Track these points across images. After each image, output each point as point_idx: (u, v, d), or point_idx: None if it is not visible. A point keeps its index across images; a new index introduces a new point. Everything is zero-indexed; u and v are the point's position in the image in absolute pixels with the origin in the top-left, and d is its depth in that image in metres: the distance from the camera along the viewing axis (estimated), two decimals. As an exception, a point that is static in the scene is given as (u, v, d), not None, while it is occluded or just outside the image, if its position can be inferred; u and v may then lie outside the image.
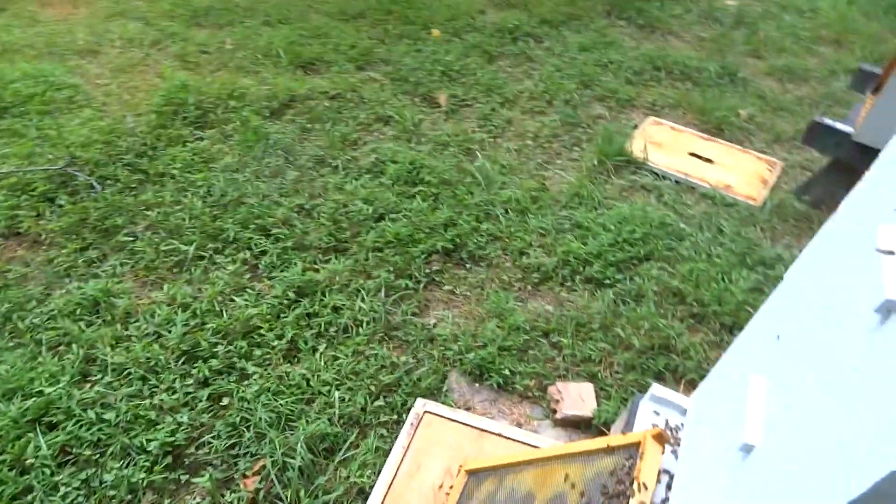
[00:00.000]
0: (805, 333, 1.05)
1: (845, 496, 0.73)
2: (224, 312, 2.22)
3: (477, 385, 2.13)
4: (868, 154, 2.66)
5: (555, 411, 2.06)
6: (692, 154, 3.24)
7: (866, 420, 0.77)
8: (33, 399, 1.87)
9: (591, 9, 4.66)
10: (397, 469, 1.83)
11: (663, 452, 1.43)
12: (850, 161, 2.77)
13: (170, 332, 2.13)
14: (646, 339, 2.23)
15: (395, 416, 1.98)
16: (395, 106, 3.41)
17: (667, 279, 2.48)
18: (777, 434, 1.00)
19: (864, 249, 0.93)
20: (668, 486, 1.43)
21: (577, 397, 2.07)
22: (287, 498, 1.73)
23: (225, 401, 1.96)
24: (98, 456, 1.78)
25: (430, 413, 2.00)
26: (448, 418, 1.99)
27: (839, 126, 2.74)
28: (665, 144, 3.30)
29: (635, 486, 1.34)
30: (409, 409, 1.98)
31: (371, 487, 1.76)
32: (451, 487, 1.76)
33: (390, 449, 1.87)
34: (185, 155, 2.94)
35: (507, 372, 2.12)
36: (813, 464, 0.86)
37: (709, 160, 3.21)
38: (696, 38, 4.49)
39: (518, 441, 1.94)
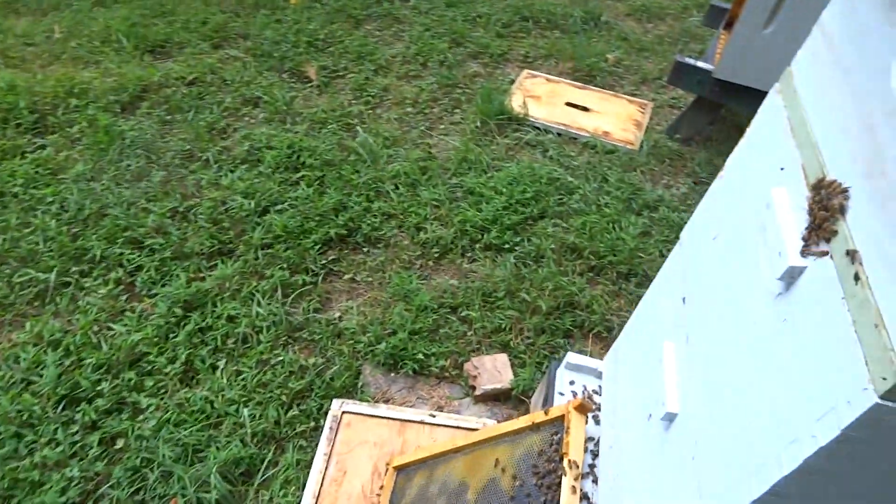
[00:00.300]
0: (709, 298, 1.07)
1: (776, 472, 0.75)
2: (103, 343, 2.00)
3: (392, 375, 2.07)
4: (728, 89, 2.82)
5: (473, 388, 2.05)
6: (569, 104, 3.29)
7: (781, 388, 0.79)
8: None
9: (452, -39, 4.54)
10: (322, 479, 1.76)
11: (587, 422, 1.45)
12: (713, 97, 2.92)
13: (41, 376, 1.89)
14: (551, 300, 2.26)
15: (313, 423, 1.89)
16: (262, 85, 3.17)
17: (562, 235, 2.52)
18: (696, 401, 1.02)
19: (756, 211, 0.95)
20: (594, 454, 1.46)
21: (494, 370, 2.07)
22: (208, 535, 1.61)
23: (120, 443, 1.78)
24: (-23, 535, 1.57)
25: (349, 413, 1.92)
26: (368, 415, 1.93)
27: (700, 64, 2.86)
28: (542, 97, 3.32)
29: (565, 462, 1.36)
30: (327, 413, 1.90)
31: (298, 504, 1.68)
32: (382, 487, 1.71)
33: (312, 459, 1.79)
34: (25, 168, 2.58)
35: (420, 356, 2.08)
36: (735, 432, 0.88)
37: (585, 108, 3.27)
38: (558, -15, 4.51)
39: (442, 425, 1.92)
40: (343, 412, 1.92)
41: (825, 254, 0.69)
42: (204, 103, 3.03)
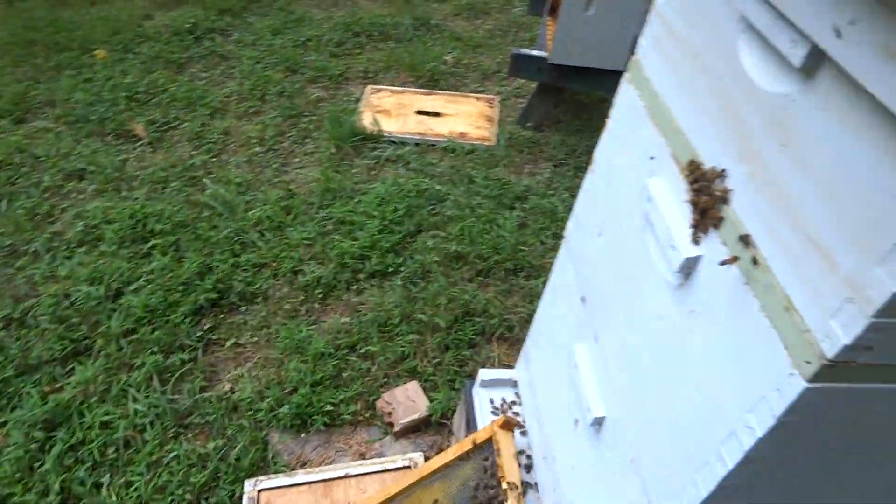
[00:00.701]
0: (608, 295, 1.05)
1: (720, 468, 0.73)
2: (-51, 497, 1.67)
3: (303, 435, 1.92)
4: (566, 72, 2.92)
5: (391, 424, 1.95)
6: (419, 112, 3.26)
7: (704, 381, 0.78)
8: None
9: (268, -13, 4.37)
10: (253, 574, 1.58)
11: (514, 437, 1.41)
12: (554, 81, 3.02)
13: None
14: (447, 314, 2.21)
15: (228, 516, 1.70)
16: (84, 155, 2.84)
17: (443, 245, 2.48)
18: (621, 403, 1.00)
19: (636, 203, 0.94)
20: (528, 467, 1.42)
21: (407, 400, 1.99)
22: None
23: None
24: None
25: (266, 490, 1.75)
26: (286, 486, 1.77)
27: (535, 53, 2.95)
28: (391, 110, 3.27)
29: (504, 486, 1.30)
30: (241, 498, 1.72)
31: None
32: (320, 564, 1.57)
33: (236, 556, 1.61)
34: None
35: (328, 407, 1.95)
36: (668, 430, 0.86)
37: (436, 114, 3.26)
38: (380, -5, 4.48)
39: (368, 474, 1.81)
40: (259, 491, 1.75)
41: (736, 259, 0.68)
42: (17, 188, 2.66)
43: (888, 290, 0.50)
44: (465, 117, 3.25)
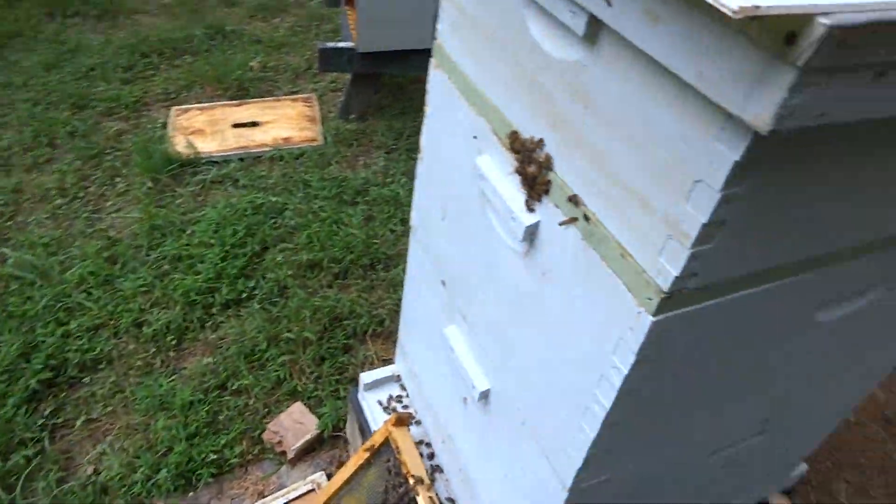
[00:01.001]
0: (466, 274, 1.08)
1: (600, 410, 0.79)
2: None
3: (191, 494, 1.78)
4: (376, 58, 2.92)
5: (284, 453, 1.87)
6: (236, 125, 3.10)
7: (568, 336, 0.82)
8: None
9: (26, 17, 3.86)
10: None
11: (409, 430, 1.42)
12: (366, 69, 3.01)
13: None
14: (315, 325, 2.15)
15: None
16: None
17: (294, 258, 2.40)
18: (502, 372, 1.04)
19: (470, 183, 0.96)
20: (430, 455, 1.44)
21: (295, 424, 1.92)
22: None
23: None
24: None
25: (163, 565, 1.62)
26: (186, 553, 1.64)
27: (341, 45, 2.90)
28: (205, 129, 3.07)
29: (411, 482, 1.31)
30: (136, 584, 1.57)
31: None
32: None
33: None
34: None
35: (212, 456, 1.82)
36: (548, 387, 0.91)
37: (254, 124, 3.12)
38: (162, 8, 4.15)
39: (272, 511, 1.73)
40: (156, 569, 1.60)
41: (575, 220, 0.71)
42: None
43: (698, 223, 0.56)
44: (285, 121, 3.14)
